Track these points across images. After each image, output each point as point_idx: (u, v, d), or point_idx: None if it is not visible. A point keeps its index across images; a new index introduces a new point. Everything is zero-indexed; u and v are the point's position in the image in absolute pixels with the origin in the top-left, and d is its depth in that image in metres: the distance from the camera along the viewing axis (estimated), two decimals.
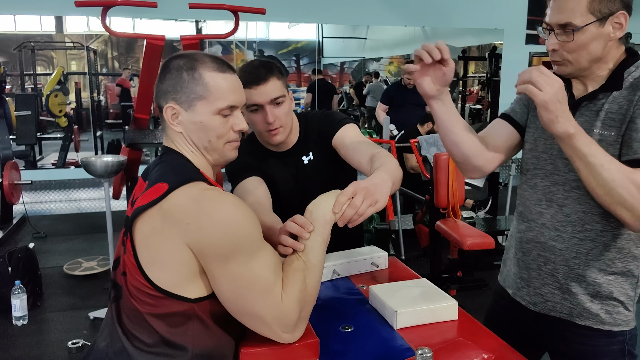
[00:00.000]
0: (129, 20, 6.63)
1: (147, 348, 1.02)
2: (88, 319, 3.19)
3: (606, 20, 1.16)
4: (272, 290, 1.01)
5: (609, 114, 1.19)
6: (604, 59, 1.21)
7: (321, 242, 1.09)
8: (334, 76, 9.69)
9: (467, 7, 7.20)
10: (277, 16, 6.47)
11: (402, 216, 4.01)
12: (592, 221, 1.23)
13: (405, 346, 1.12)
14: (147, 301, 1.01)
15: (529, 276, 1.36)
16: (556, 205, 1.28)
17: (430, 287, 1.35)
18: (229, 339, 1.09)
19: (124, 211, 3.10)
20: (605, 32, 1.17)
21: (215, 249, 0.97)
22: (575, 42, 1.18)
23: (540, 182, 1.32)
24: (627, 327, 1.28)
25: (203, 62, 1.07)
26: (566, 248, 1.28)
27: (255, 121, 1.55)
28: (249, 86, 1.47)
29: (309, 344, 1.08)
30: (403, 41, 8.62)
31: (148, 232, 1.00)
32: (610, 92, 1.21)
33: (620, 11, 1.16)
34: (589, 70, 1.23)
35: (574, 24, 1.16)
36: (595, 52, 1.19)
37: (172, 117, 1.08)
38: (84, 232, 5.10)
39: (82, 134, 7.32)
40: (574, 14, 1.16)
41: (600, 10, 1.15)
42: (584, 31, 1.16)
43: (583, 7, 1.15)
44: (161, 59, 3.04)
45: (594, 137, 1.19)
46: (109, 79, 8.24)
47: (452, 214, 3.13)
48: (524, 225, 1.37)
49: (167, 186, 0.99)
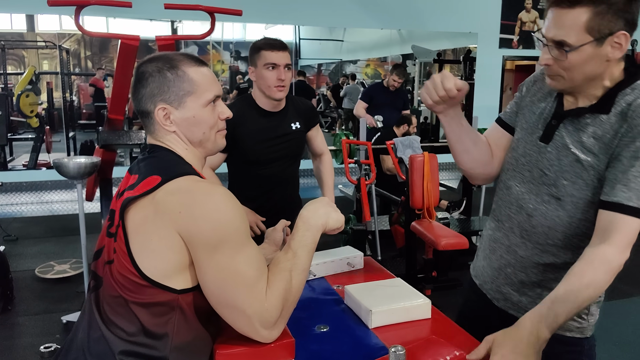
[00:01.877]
0: (103, 20, 6.53)
1: (127, 337, 1.02)
2: (60, 323, 3.13)
3: (604, 40, 1.08)
4: (256, 285, 1.03)
5: (592, 138, 1.15)
6: (600, 77, 1.14)
7: (311, 246, 1.13)
8: (311, 78, 9.70)
9: (443, 11, 7.30)
10: (254, 17, 6.47)
11: (378, 217, 4.04)
12: (555, 237, 1.23)
13: (380, 345, 1.14)
14: (132, 289, 1.02)
15: (492, 274, 1.38)
16: (525, 214, 1.27)
17: (404, 287, 1.37)
18: (208, 335, 1.10)
19: (97, 213, 3.04)
20: (603, 53, 1.09)
21: (204, 239, 0.99)
22: (569, 61, 1.10)
23: (514, 186, 1.30)
24: (582, 335, 1.27)
25: (181, 60, 1.11)
26: (527, 257, 1.28)
27: (269, 77, 2.00)
28: (272, 49, 1.99)
29: (285, 344, 1.09)
30: (380, 44, 8.68)
31: (140, 221, 1.02)
32: (597, 114, 1.15)
33: (621, 31, 1.07)
34: (583, 88, 1.17)
35: (568, 43, 1.08)
36: (590, 72, 1.12)
37: (164, 117, 1.10)
38: (56, 235, 5.01)
39: (54, 135, 7.18)
40: (569, 32, 1.08)
41: (600, 29, 1.06)
42: (579, 51, 1.08)
43: (580, 26, 1.07)
44: (136, 59, 3.01)
45: (571, 156, 1.17)
46: (82, 79, 8.10)
47: (427, 215, 3.17)
48: (494, 224, 1.39)
49: (159, 178, 1.02)
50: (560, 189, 1.20)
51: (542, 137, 1.24)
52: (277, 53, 2.00)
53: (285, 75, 2.02)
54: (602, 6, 1.05)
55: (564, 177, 1.19)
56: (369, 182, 4.03)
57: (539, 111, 1.28)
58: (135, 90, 1.12)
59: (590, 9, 1.06)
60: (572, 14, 1.07)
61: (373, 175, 4.06)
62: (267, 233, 1.58)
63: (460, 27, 7.56)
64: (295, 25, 7.67)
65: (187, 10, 2.93)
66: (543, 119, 1.26)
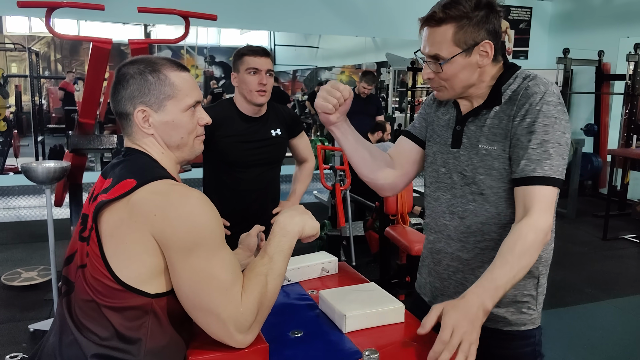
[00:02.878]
0: (74, 23, 6.43)
1: (100, 341, 1.01)
2: (28, 332, 3.04)
3: (472, 50, 1.21)
4: (231, 289, 1.03)
5: (492, 129, 1.25)
6: (478, 81, 1.26)
7: (287, 252, 1.13)
8: (287, 84, 9.72)
9: (416, 19, 7.38)
10: (229, 22, 6.44)
11: (353, 223, 4.06)
12: (490, 231, 1.28)
13: (354, 349, 1.14)
14: (105, 293, 1.01)
15: (442, 285, 1.40)
16: (457, 218, 1.33)
17: (378, 291, 1.37)
18: (181, 340, 1.09)
19: (66, 219, 2.99)
20: (473, 61, 1.22)
21: (179, 242, 0.99)
22: (445, 72, 1.23)
23: (442, 195, 1.37)
24: (534, 325, 1.33)
25: (163, 64, 1.11)
26: (471, 257, 1.32)
27: (250, 81, 2.04)
28: (254, 54, 2.04)
29: (259, 349, 1.08)
30: (355, 51, 8.76)
31: (114, 223, 1.01)
32: (491, 108, 1.26)
33: (485, 40, 1.21)
34: (466, 93, 1.29)
35: (441, 56, 1.22)
36: (466, 79, 1.24)
37: (143, 120, 1.10)
38: (23, 241, 4.88)
39: (22, 139, 7.02)
40: (440, 46, 1.21)
41: (465, 41, 1.20)
42: (451, 62, 1.21)
43: (449, 40, 1.20)
44: (108, 62, 2.97)
45: (480, 151, 1.26)
46: (51, 82, 7.96)
47: (401, 221, 3.20)
48: (432, 236, 1.42)
49: (134, 182, 1.01)
50: (479, 184, 1.28)
51: (452, 144, 1.33)
52: (260, 59, 2.04)
53: (267, 81, 2.05)
54: (464, 21, 1.19)
55: (478, 172, 1.28)
56: (343, 188, 4.05)
57: (444, 122, 1.38)
58: (115, 92, 1.11)
59: (455, 24, 1.20)
60: (440, 30, 1.21)
61: (348, 181, 4.08)
62: (241, 238, 1.57)
63: None
64: (270, 31, 7.68)
65: (161, 14, 2.91)
66: (450, 128, 1.35)
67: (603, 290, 3.90)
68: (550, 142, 1.17)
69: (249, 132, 2.13)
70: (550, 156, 1.17)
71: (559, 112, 1.19)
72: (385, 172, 1.46)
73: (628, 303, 3.71)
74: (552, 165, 1.17)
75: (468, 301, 1.07)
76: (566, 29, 7.55)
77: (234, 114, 2.13)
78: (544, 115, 1.18)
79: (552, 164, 1.17)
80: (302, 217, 1.18)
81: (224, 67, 8.63)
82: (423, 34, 1.26)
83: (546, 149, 1.17)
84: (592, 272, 4.31)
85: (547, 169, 1.16)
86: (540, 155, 1.17)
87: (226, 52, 8.15)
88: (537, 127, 1.18)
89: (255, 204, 2.17)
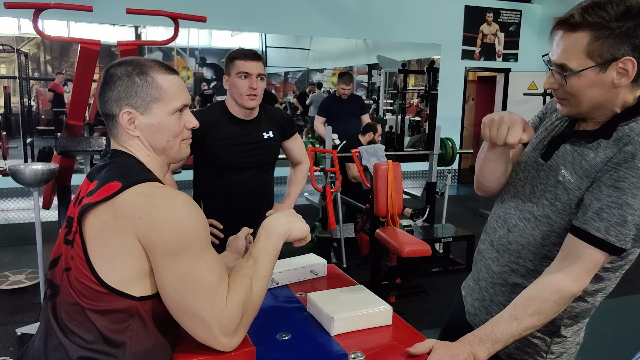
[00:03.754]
0: (64, 24, 6.38)
1: (86, 344, 1.01)
2: (15, 335, 3.01)
3: (608, 66, 1.02)
4: (216, 292, 1.02)
5: (583, 161, 1.11)
6: (610, 103, 1.08)
7: (273, 254, 1.12)
8: (278, 86, 9.70)
9: (407, 22, 7.43)
10: (220, 24, 6.43)
11: (343, 225, 4.06)
12: (526, 257, 1.20)
13: (341, 352, 1.14)
14: (89, 296, 1.00)
15: (473, 285, 1.38)
16: (506, 228, 1.25)
17: (366, 293, 1.37)
18: (167, 343, 1.09)
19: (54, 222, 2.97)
20: (607, 79, 1.04)
21: (164, 245, 0.98)
22: (571, 86, 1.07)
23: (507, 200, 1.28)
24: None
25: (151, 66, 1.11)
26: (498, 273, 1.28)
27: (241, 85, 2.04)
28: (246, 59, 2.03)
29: (246, 352, 1.08)
30: (346, 53, 8.75)
31: (99, 226, 1.00)
32: (597, 139, 1.11)
33: (626, 57, 1.01)
34: (592, 115, 1.12)
35: (569, 67, 1.05)
36: (596, 98, 1.07)
37: (128, 122, 1.10)
38: (11, 244, 4.83)
39: (11, 141, 6.95)
40: (570, 55, 1.04)
41: (602, 55, 1.02)
42: (580, 76, 1.04)
43: (581, 50, 1.03)
44: (97, 64, 2.95)
45: (558, 175, 1.15)
46: (40, 83, 7.88)
47: (392, 222, 3.20)
48: (483, 236, 1.37)
49: (120, 184, 1.01)
50: (540, 208, 1.18)
51: (543, 155, 1.21)
52: (250, 63, 2.04)
53: (257, 84, 2.06)
54: (603, 31, 1.01)
55: (545, 196, 1.17)
56: (334, 190, 4.05)
57: (551, 128, 1.25)
58: (102, 92, 1.11)
59: (591, 33, 1.02)
60: (573, 37, 1.04)
61: (338, 183, 4.08)
62: (229, 241, 1.57)
63: (424, 38, 7.71)
64: (261, 33, 7.67)
65: (151, 16, 2.89)
66: (551, 137, 1.23)
67: None
68: (633, 208, 1.01)
69: (241, 135, 2.13)
70: (624, 223, 1.02)
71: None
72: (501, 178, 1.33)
73: (618, 304, 3.74)
74: (620, 233, 1.02)
75: (459, 347, 1.07)
76: None
77: (225, 117, 2.13)
78: (639, 176, 1.02)
79: (621, 232, 1.02)
80: (289, 218, 1.17)
81: (215, 68, 8.62)
82: (555, 37, 1.09)
83: (623, 214, 1.02)
84: None
85: (612, 236, 1.03)
86: (614, 217, 1.02)
87: (217, 53, 8.13)
88: (625, 186, 1.02)
89: (248, 207, 2.16)
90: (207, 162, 2.11)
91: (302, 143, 2.42)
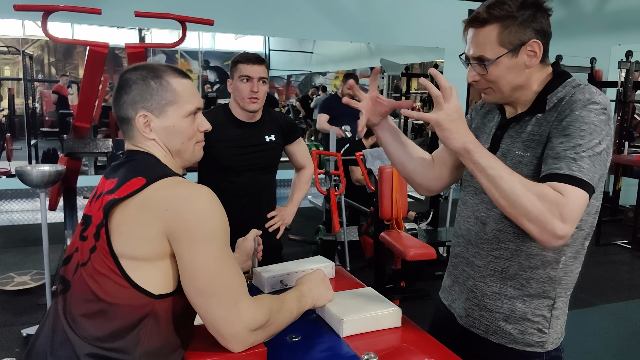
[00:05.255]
0: (68, 26, 6.41)
1: (95, 341, 1.01)
2: (21, 336, 3.02)
3: (519, 50, 1.17)
4: (241, 283, 1.08)
5: (531, 135, 1.21)
6: (526, 84, 1.22)
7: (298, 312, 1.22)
8: (281, 89, 9.74)
9: (410, 25, 7.44)
10: (224, 27, 6.45)
11: (347, 228, 4.06)
12: (506, 239, 1.24)
13: (351, 353, 1.15)
14: (110, 290, 1.02)
15: (459, 289, 1.39)
16: (480, 223, 1.30)
17: (375, 296, 1.38)
18: (179, 343, 1.10)
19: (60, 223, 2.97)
20: (520, 62, 1.18)
21: (190, 235, 1.01)
22: (491, 74, 1.20)
23: (470, 200, 1.34)
24: (542, 349, 1.27)
25: (165, 70, 1.14)
26: (484, 265, 1.30)
27: (243, 88, 2.07)
28: (248, 62, 2.06)
29: (257, 353, 1.09)
30: (349, 56, 8.79)
31: (123, 221, 1.02)
32: (534, 115, 1.22)
33: (532, 39, 1.17)
34: (514, 97, 1.25)
35: (486, 57, 1.18)
36: (513, 80, 1.20)
37: (144, 125, 1.12)
38: (16, 245, 4.84)
39: (16, 142, 6.98)
40: (485, 47, 1.18)
41: (511, 41, 1.16)
42: (497, 63, 1.18)
43: (493, 40, 1.17)
44: (104, 66, 2.97)
45: (514, 158, 1.22)
46: (45, 85, 7.92)
47: (396, 226, 3.21)
48: (455, 240, 1.42)
49: (144, 180, 1.03)
50: None
51: (489, 149, 1.28)
52: (252, 66, 2.06)
53: (259, 88, 2.07)
54: (509, 20, 1.16)
55: None
56: (338, 193, 4.06)
57: (488, 129, 1.35)
58: (117, 96, 1.13)
59: (499, 25, 1.16)
60: (484, 31, 1.18)
61: (342, 186, 4.08)
62: (238, 243, 1.58)
63: (427, 42, 7.72)
64: (265, 37, 7.70)
65: (156, 19, 2.91)
66: (490, 134, 1.33)
67: (596, 295, 3.93)
68: (584, 147, 1.09)
69: (243, 137, 2.15)
70: (581, 159, 1.08)
71: (601, 122, 1.11)
72: (420, 174, 1.43)
73: (621, 308, 3.74)
74: (581, 167, 1.07)
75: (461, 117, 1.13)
76: (558, 36, 7.50)
77: (228, 120, 2.16)
78: (582, 120, 1.11)
79: (582, 167, 1.07)
80: (319, 290, 1.31)
81: (218, 71, 8.64)
82: (467, 35, 1.23)
83: (578, 152, 1.09)
84: (584, 277, 4.31)
85: (575, 169, 1.07)
86: (570, 156, 1.09)
87: (221, 56, 8.16)
88: (572, 131, 1.11)
89: (248, 208, 2.18)
90: (209, 163, 2.13)
91: (306, 147, 2.43)
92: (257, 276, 1.55)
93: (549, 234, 1.05)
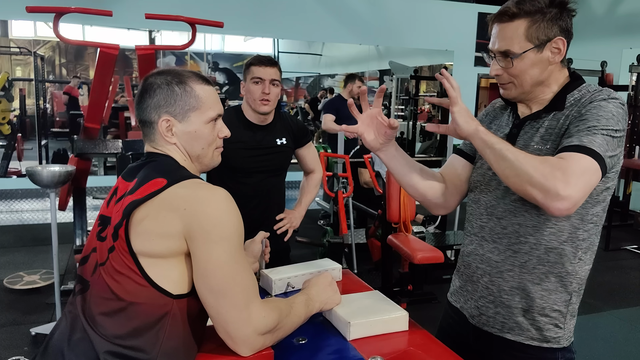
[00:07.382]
0: (79, 27, 6.46)
1: (115, 339, 1.03)
2: (29, 335, 3.04)
3: (544, 47, 1.21)
4: (253, 285, 1.09)
5: (549, 129, 1.24)
6: (546, 82, 1.26)
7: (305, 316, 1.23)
8: (289, 91, 9.75)
9: (419, 28, 7.43)
10: (234, 29, 6.47)
11: (355, 230, 4.06)
12: (526, 234, 1.25)
13: (358, 357, 1.15)
14: (130, 289, 1.03)
15: (472, 288, 1.38)
16: (495, 218, 1.30)
17: (382, 299, 1.38)
18: (194, 344, 1.11)
19: (69, 223, 2.99)
20: (544, 58, 1.22)
21: (206, 235, 1.03)
22: (515, 68, 1.23)
23: (483, 198, 1.34)
24: (558, 345, 1.27)
25: (189, 76, 1.17)
26: (501, 260, 1.30)
27: (255, 90, 2.08)
28: (260, 65, 2.08)
29: (263, 355, 1.09)
30: (357, 59, 8.78)
31: (143, 221, 1.04)
32: (551, 112, 1.26)
33: (557, 37, 1.21)
34: (533, 94, 1.27)
35: (512, 51, 1.21)
36: (536, 76, 1.24)
37: (166, 129, 1.14)
38: (25, 245, 4.88)
39: (26, 143, 7.04)
40: (512, 41, 1.21)
41: (538, 37, 1.20)
42: (522, 58, 1.21)
43: (521, 35, 1.20)
44: (114, 68, 2.99)
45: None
46: (55, 86, 7.98)
47: (404, 229, 3.20)
48: (468, 239, 1.41)
49: (165, 181, 1.06)
50: None
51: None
52: (264, 68, 2.08)
53: (271, 90, 2.08)
54: (537, 16, 1.20)
55: None
56: (346, 195, 4.06)
57: (499, 131, 1.36)
58: (140, 100, 1.16)
59: (527, 20, 1.20)
60: (512, 26, 1.21)
61: (350, 189, 4.08)
62: (245, 244, 1.59)
63: (436, 44, 7.70)
64: (274, 39, 7.71)
65: (167, 21, 2.93)
66: (504, 134, 1.33)
67: (605, 301, 3.90)
68: (599, 127, 1.13)
69: (254, 139, 2.16)
70: (594, 135, 1.11)
71: (619, 113, 1.16)
72: (434, 190, 1.42)
73: (630, 314, 3.71)
74: (593, 140, 1.10)
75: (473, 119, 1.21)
76: None
77: (240, 122, 2.16)
78: (600, 108, 1.16)
79: (594, 140, 1.10)
80: (327, 293, 1.31)
81: (227, 73, 8.68)
82: (493, 30, 1.26)
83: (591, 130, 1.12)
84: (594, 283, 4.30)
85: (585, 141, 1.11)
86: (584, 132, 1.12)
87: (230, 58, 8.19)
88: (589, 116, 1.15)
89: (257, 210, 2.18)
90: (219, 164, 2.14)
91: (316, 152, 2.43)
92: (264, 278, 1.56)
93: (552, 195, 1.06)
